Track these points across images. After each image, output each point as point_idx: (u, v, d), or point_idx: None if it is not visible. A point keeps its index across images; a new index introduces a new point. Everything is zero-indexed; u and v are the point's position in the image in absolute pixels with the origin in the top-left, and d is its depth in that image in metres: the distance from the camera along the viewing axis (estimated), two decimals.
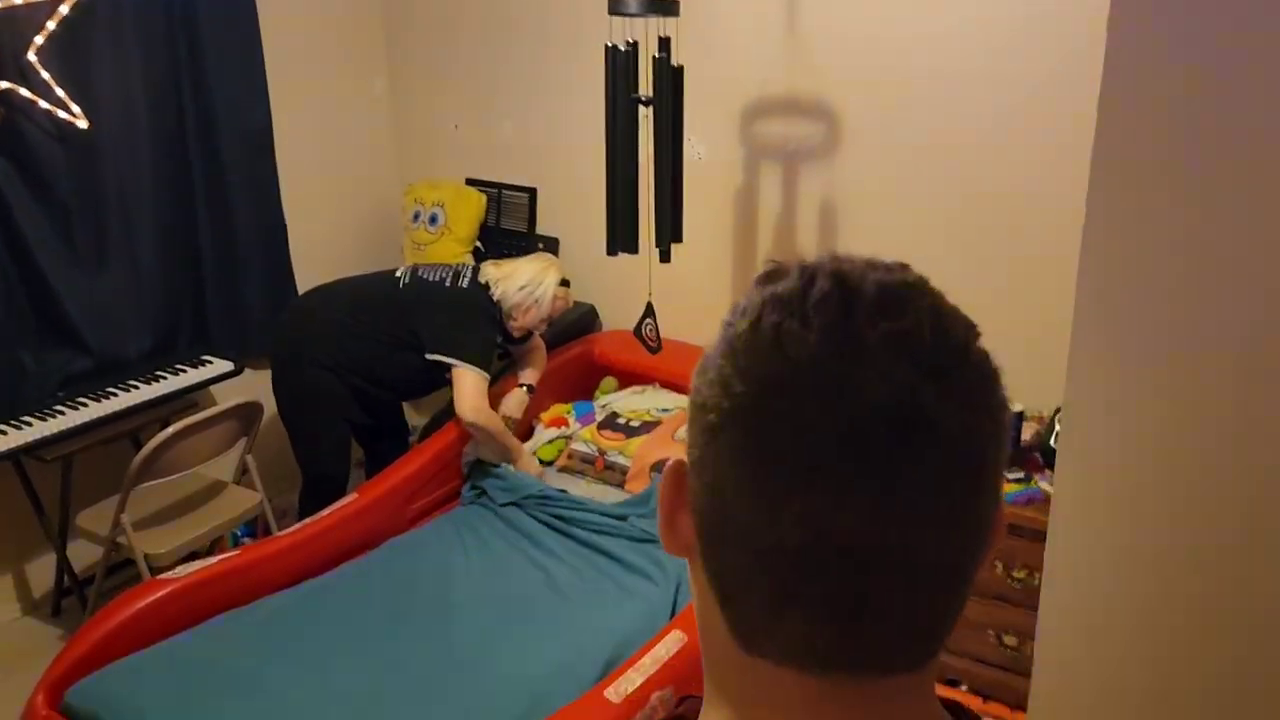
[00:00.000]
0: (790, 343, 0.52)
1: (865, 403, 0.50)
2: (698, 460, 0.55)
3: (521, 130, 3.88)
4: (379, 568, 2.75)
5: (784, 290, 0.54)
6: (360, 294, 3.19)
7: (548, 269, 3.19)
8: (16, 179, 2.98)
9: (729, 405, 0.53)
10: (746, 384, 0.52)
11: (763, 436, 0.52)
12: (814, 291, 0.53)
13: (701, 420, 0.55)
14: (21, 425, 2.91)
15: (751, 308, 0.55)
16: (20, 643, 3.15)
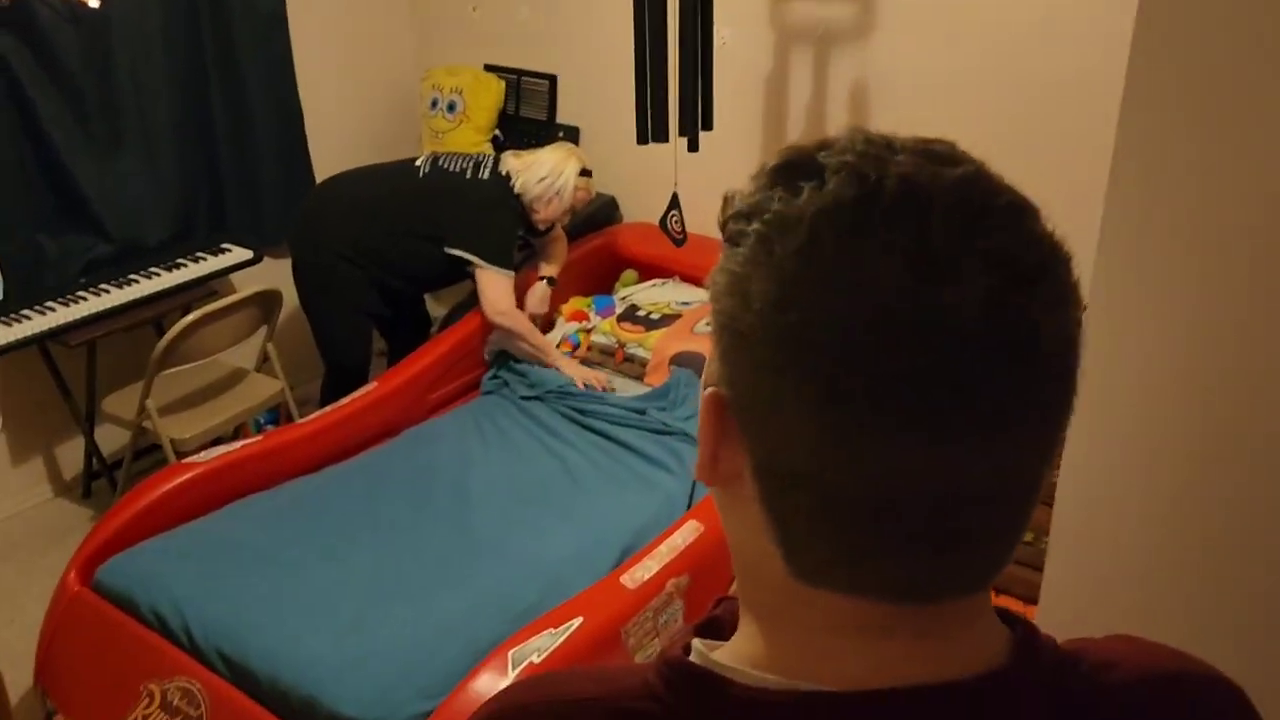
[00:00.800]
0: (869, 271, 0.46)
1: (964, 333, 0.46)
2: (748, 398, 0.50)
3: (541, 13, 3.76)
4: (399, 455, 2.79)
5: (840, 199, 0.48)
6: (379, 183, 3.14)
7: (568, 159, 3.12)
8: (30, 60, 2.93)
9: (792, 344, 0.47)
10: (815, 322, 0.47)
11: (842, 380, 0.46)
12: (882, 201, 0.47)
13: (749, 353, 0.49)
14: (45, 310, 2.93)
15: (797, 222, 0.48)
16: (53, 522, 3.24)
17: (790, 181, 0.50)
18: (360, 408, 2.88)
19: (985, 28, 2.84)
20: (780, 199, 0.50)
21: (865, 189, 0.48)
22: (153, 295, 3.13)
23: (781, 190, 0.50)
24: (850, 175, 0.49)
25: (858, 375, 0.46)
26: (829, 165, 0.49)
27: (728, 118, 3.14)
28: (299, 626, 2.08)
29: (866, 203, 0.47)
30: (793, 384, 0.48)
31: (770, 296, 0.48)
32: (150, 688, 2.07)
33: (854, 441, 0.47)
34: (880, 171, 0.48)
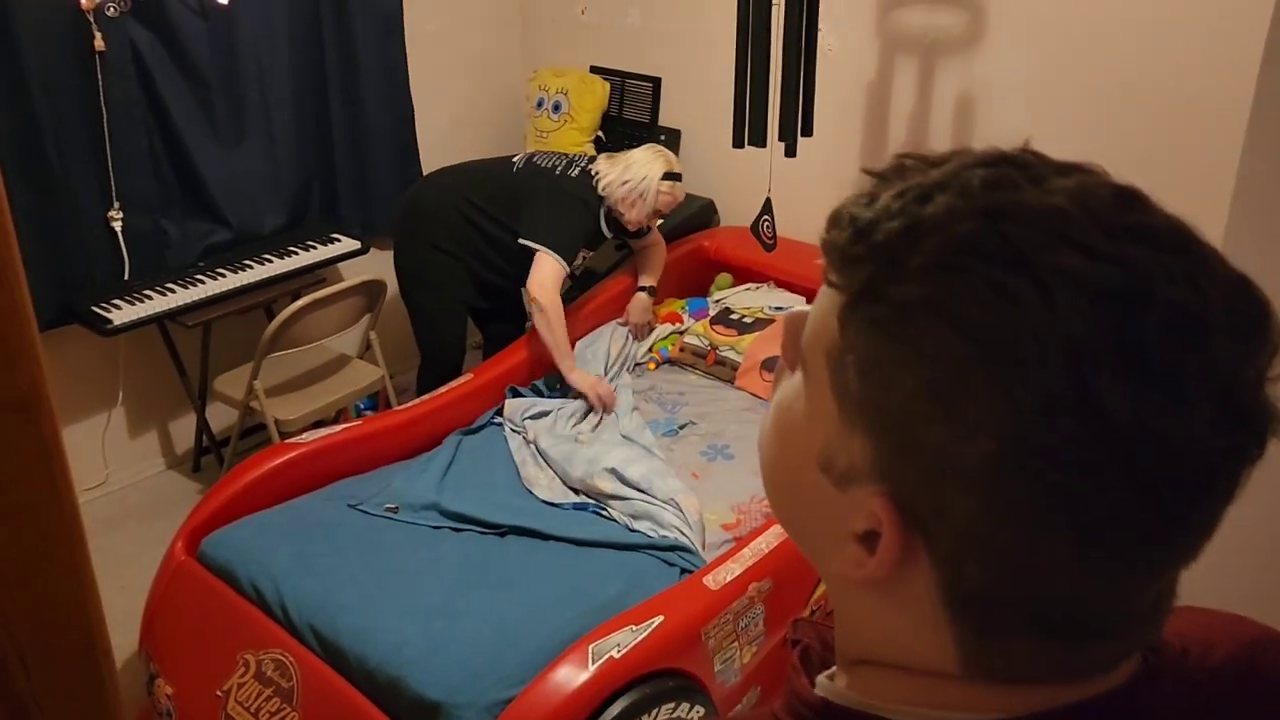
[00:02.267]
0: (1155, 348, 0.43)
1: (1208, 459, 0.45)
2: (942, 513, 0.46)
3: (648, 17, 3.79)
4: (490, 445, 2.84)
5: (1087, 272, 0.43)
6: (478, 176, 3.21)
7: (653, 162, 3.09)
8: (162, 53, 3.08)
9: (1035, 441, 0.43)
10: (1122, 478, 0.43)
11: (1104, 514, 0.44)
12: (1156, 290, 0.43)
13: (949, 470, 0.45)
14: (166, 291, 3.08)
15: (1114, 390, 0.42)
16: (165, 493, 3.39)
17: (991, 278, 0.44)
18: (456, 397, 2.95)
19: (1098, 37, 2.76)
20: (991, 307, 0.44)
21: (1129, 310, 0.43)
22: (265, 280, 3.26)
23: (983, 290, 0.44)
24: (1102, 292, 0.43)
25: (1121, 518, 0.44)
26: (1055, 266, 0.44)
27: (828, 125, 3.12)
28: (388, 608, 2.14)
29: (1132, 327, 0.43)
30: (1026, 515, 0.45)
31: (999, 416, 0.43)
32: (246, 657, 2.16)
33: (1095, 568, 0.45)
34: (1138, 286, 0.43)
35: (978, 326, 0.43)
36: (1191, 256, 0.45)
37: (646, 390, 3.13)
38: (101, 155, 3.00)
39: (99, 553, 0.86)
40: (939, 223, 0.46)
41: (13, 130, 2.78)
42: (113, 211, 3.06)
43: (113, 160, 3.02)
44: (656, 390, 3.14)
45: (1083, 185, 0.46)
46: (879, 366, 0.46)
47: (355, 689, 2.02)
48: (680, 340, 3.30)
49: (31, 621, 0.74)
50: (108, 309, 2.94)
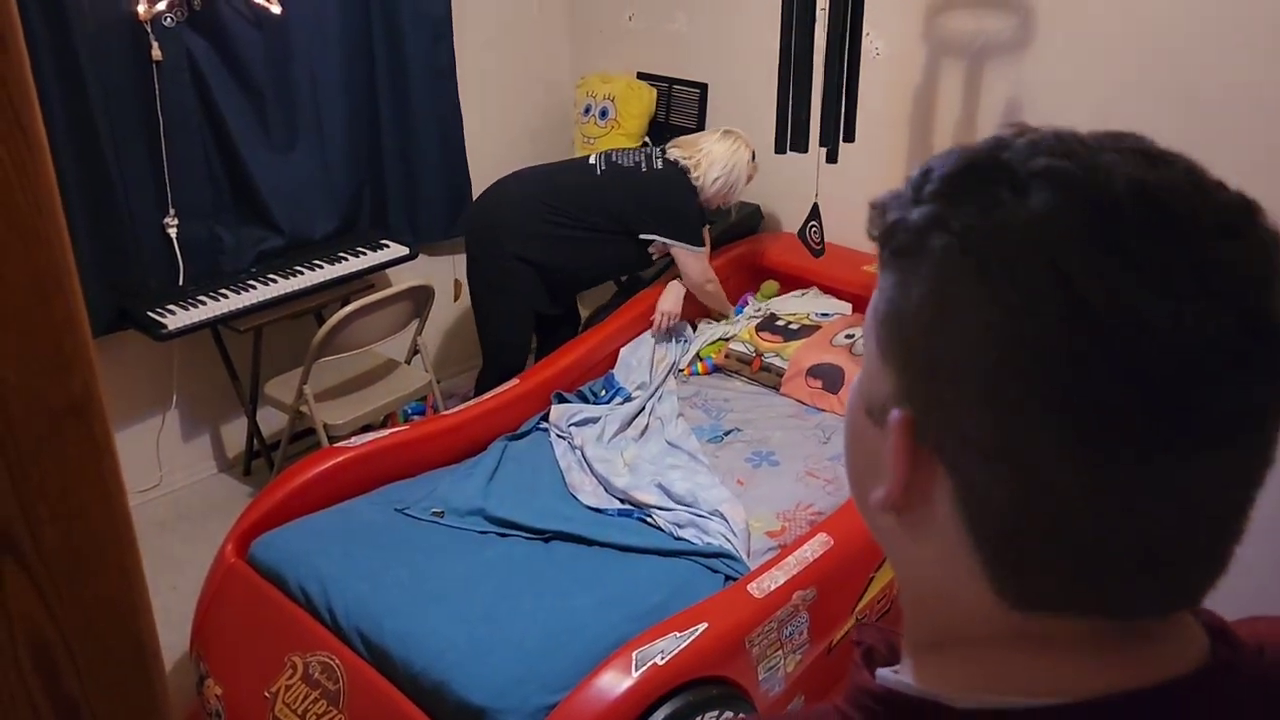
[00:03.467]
0: (1115, 294, 0.44)
1: (1224, 354, 0.44)
2: (959, 427, 0.48)
3: (695, 24, 3.79)
4: (535, 451, 2.85)
5: (1067, 207, 0.45)
6: (557, 182, 3.23)
7: (737, 148, 3.21)
8: (217, 63, 3.13)
9: (1029, 378, 0.45)
10: (1058, 354, 0.44)
11: (1094, 416, 0.44)
12: (1119, 211, 0.45)
13: (957, 383, 0.47)
14: (219, 297, 3.13)
15: (1014, 234, 0.45)
16: (215, 496, 3.45)
17: (981, 189, 0.47)
18: (503, 402, 2.97)
19: (1149, 40, 2.70)
20: (978, 209, 0.47)
21: (1095, 195, 0.45)
22: (316, 286, 3.30)
23: (974, 199, 0.47)
24: (1069, 180, 0.46)
25: (1114, 411, 0.44)
26: (1031, 169, 0.47)
27: (872, 130, 3.09)
28: (434, 613, 2.15)
29: (1100, 211, 0.45)
30: (1028, 420, 0.45)
31: (992, 322, 0.45)
32: (294, 659, 2.18)
33: (1104, 475, 0.45)
34: (1102, 175, 0.46)
35: (970, 233, 0.46)
36: (1176, 168, 0.47)
37: (691, 396, 3.12)
38: (158, 163, 3.06)
39: (152, 554, 0.87)
40: (948, 158, 0.51)
41: (72, 138, 2.84)
42: (168, 218, 3.12)
43: (169, 168, 3.08)
44: (701, 396, 3.13)
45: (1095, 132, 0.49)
46: (896, 291, 0.50)
47: (400, 692, 2.03)
48: (725, 346, 3.29)
49: (83, 622, 0.75)
50: (163, 314, 2.99)
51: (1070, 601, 0.49)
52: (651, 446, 2.84)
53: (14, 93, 0.65)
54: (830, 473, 2.66)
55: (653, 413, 3.02)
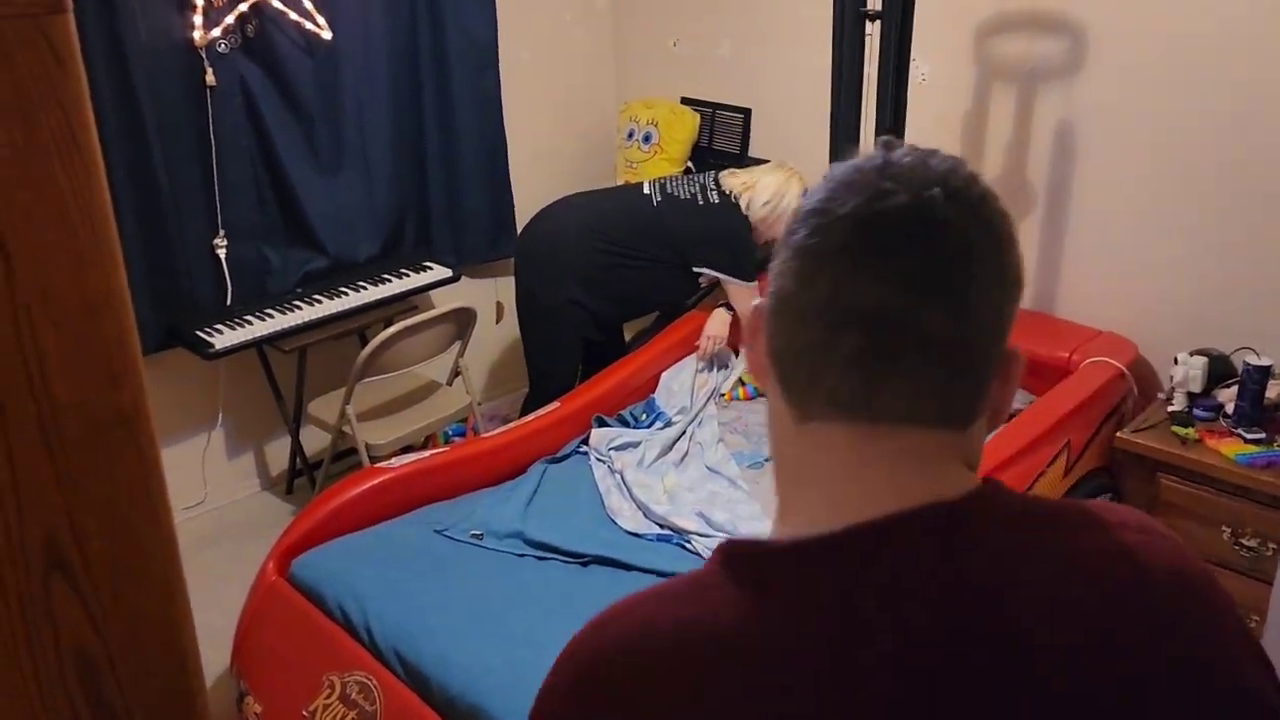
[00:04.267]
0: (844, 178, 0.67)
1: (890, 206, 0.64)
2: (773, 278, 0.69)
3: (740, 49, 3.80)
4: (575, 474, 2.85)
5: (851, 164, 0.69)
6: (612, 211, 3.26)
7: (789, 181, 3.21)
8: (269, 87, 3.19)
9: (798, 224, 0.68)
10: (809, 209, 0.67)
11: (811, 231, 0.66)
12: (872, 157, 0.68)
13: (782, 247, 0.68)
14: (265, 317, 3.17)
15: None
16: (258, 514, 3.48)
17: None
18: (544, 425, 2.97)
19: (1203, 68, 2.67)
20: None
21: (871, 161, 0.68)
22: (360, 307, 3.34)
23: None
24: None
25: (826, 227, 0.65)
26: None
27: None
28: (471, 635, 2.15)
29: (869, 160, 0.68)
30: (791, 244, 0.67)
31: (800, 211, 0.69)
32: (332, 679, 2.19)
33: (811, 268, 0.65)
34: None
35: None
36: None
37: (732, 421, 3.11)
38: (209, 185, 3.12)
39: (195, 570, 0.88)
40: None
41: (127, 161, 2.90)
42: (218, 239, 3.18)
43: (219, 189, 3.14)
44: (742, 421, 3.11)
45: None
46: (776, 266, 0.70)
47: (437, 715, 2.02)
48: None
49: (126, 635, 0.75)
50: (210, 333, 3.04)
51: (819, 404, 0.66)
52: (691, 472, 2.83)
53: (72, 115, 0.67)
54: None
55: (693, 438, 3.01)
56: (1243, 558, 2.38)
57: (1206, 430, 2.48)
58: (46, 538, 0.68)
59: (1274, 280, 2.61)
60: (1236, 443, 2.42)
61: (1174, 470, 2.45)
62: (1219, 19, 2.62)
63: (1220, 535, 2.39)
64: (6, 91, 0.63)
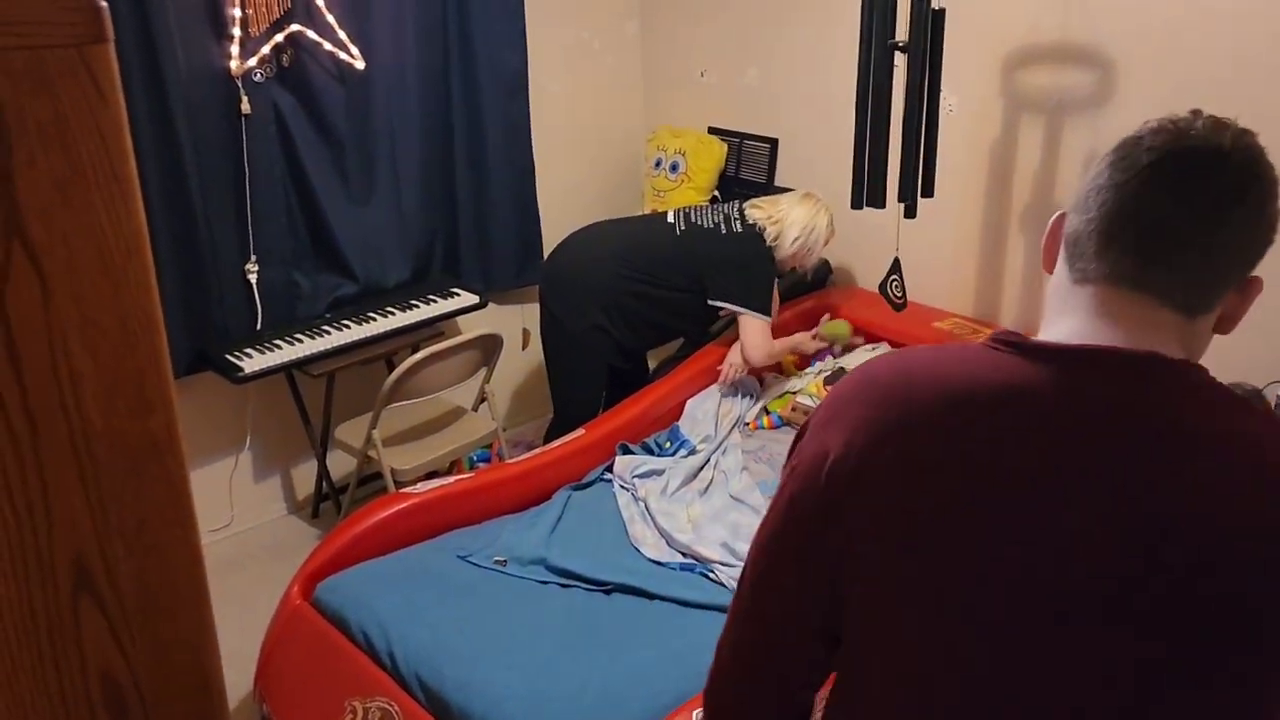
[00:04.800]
0: (1157, 126, 0.92)
1: (1188, 145, 0.89)
2: (1084, 185, 0.94)
3: (767, 79, 3.82)
4: (599, 502, 2.84)
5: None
6: (637, 239, 3.27)
7: (818, 213, 3.22)
8: (302, 116, 3.24)
9: (1116, 150, 0.93)
10: (1127, 140, 0.92)
11: (1124, 155, 0.90)
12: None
13: (1090, 180, 0.93)
14: (294, 341, 3.20)
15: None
16: (284, 537, 3.50)
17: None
18: (568, 452, 2.97)
19: (1235, 101, 2.65)
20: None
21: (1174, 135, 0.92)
22: (387, 333, 3.36)
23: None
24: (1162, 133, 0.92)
25: (1132, 158, 0.90)
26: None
27: (948, 186, 3.07)
28: (494, 661, 2.14)
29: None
30: (1103, 170, 0.92)
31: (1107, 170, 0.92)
32: (354, 704, 2.19)
33: (1117, 182, 0.90)
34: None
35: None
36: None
37: (756, 451, 3.10)
38: (243, 211, 3.17)
39: (220, 593, 0.88)
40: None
41: (162, 185, 2.95)
42: (249, 264, 3.22)
43: (252, 216, 3.18)
44: (767, 450, 3.10)
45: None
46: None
47: None
48: (792, 400, 3.27)
49: (152, 658, 0.76)
50: (240, 357, 3.07)
51: (1097, 274, 0.91)
52: (715, 501, 2.82)
53: (111, 145, 0.68)
54: None
55: (717, 466, 3.00)
56: None
57: None
58: (75, 560, 0.68)
59: None
60: None
61: None
62: (1247, 51, 2.60)
63: None
64: (47, 120, 0.65)
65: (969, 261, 3.36)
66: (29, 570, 0.67)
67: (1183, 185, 0.87)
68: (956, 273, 3.39)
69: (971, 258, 3.35)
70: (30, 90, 0.64)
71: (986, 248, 3.32)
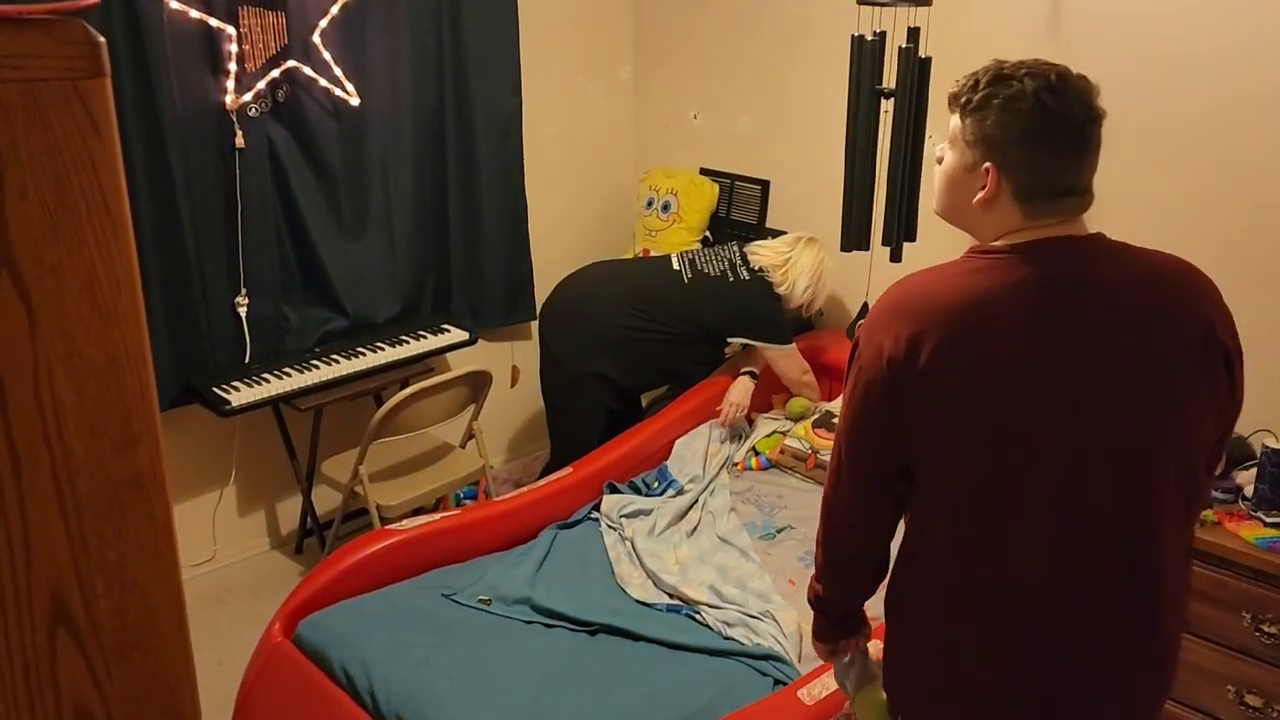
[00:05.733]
0: (1045, 103, 1.29)
1: (1071, 113, 1.30)
2: (1013, 158, 1.30)
3: (759, 122, 3.86)
4: (585, 541, 2.82)
5: (1035, 88, 1.29)
6: (642, 288, 3.30)
7: (820, 258, 3.29)
8: (296, 151, 3.25)
9: (1030, 128, 1.29)
10: (1035, 116, 1.29)
11: (1052, 126, 1.29)
12: (1049, 85, 1.30)
13: (1009, 145, 1.30)
14: (282, 375, 3.19)
15: (1023, 95, 1.30)
16: (267, 573, 3.46)
17: (1005, 80, 1.31)
18: (555, 490, 2.96)
19: (1213, 148, 2.69)
20: (1009, 87, 1.30)
21: (1043, 83, 1.29)
22: (376, 368, 3.35)
23: (1002, 85, 1.30)
24: (1034, 76, 1.30)
25: (1043, 118, 1.29)
26: (1018, 75, 1.30)
27: (932, 230, 3.09)
28: (476, 702, 2.12)
29: (1045, 87, 1.29)
30: (1031, 140, 1.29)
31: (1021, 118, 1.29)
32: None
33: (1061, 161, 1.31)
34: (1042, 75, 1.30)
35: (1003, 105, 1.30)
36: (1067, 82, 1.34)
37: (745, 491, 3.09)
38: (234, 244, 3.17)
39: (200, 629, 0.87)
40: (987, 78, 1.34)
41: (155, 219, 2.95)
42: (239, 297, 3.21)
43: (243, 249, 3.18)
44: (755, 492, 3.09)
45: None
46: (978, 122, 1.32)
47: None
48: (781, 442, 3.26)
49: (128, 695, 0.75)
50: (227, 390, 3.06)
51: (1041, 202, 1.31)
52: (703, 542, 2.81)
53: (104, 179, 0.68)
54: None
55: (705, 507, 2.99)
56: (1263, 645, 2.33)
57: (1225, 513, 2.45)
58: (53, 595, 0.68)
59: None
60: (1256, 526, 2.39)
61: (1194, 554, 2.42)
62: (1234, 100, 2.64)
63: (1241, 621, 2.35)
64: (41, 153, 0.65)
65: None
66: (5, 605, 0.66)
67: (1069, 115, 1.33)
68: None
69: None
70: (24, 123, 0.64)
71: None
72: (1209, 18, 2.64)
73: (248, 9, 3.00)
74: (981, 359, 1.26)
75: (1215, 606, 2.38)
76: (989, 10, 3.07)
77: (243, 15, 3.00)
